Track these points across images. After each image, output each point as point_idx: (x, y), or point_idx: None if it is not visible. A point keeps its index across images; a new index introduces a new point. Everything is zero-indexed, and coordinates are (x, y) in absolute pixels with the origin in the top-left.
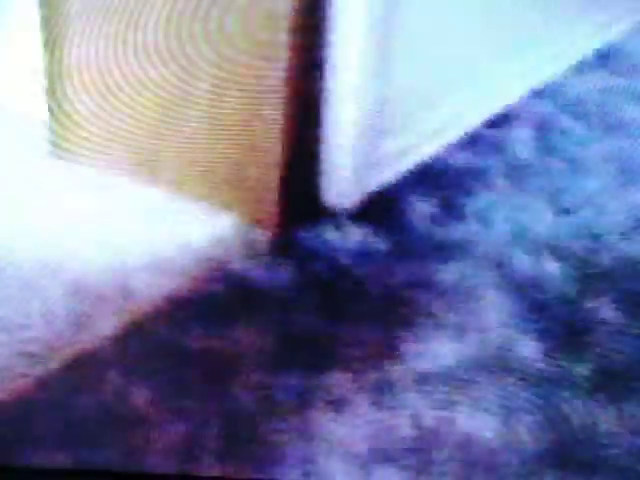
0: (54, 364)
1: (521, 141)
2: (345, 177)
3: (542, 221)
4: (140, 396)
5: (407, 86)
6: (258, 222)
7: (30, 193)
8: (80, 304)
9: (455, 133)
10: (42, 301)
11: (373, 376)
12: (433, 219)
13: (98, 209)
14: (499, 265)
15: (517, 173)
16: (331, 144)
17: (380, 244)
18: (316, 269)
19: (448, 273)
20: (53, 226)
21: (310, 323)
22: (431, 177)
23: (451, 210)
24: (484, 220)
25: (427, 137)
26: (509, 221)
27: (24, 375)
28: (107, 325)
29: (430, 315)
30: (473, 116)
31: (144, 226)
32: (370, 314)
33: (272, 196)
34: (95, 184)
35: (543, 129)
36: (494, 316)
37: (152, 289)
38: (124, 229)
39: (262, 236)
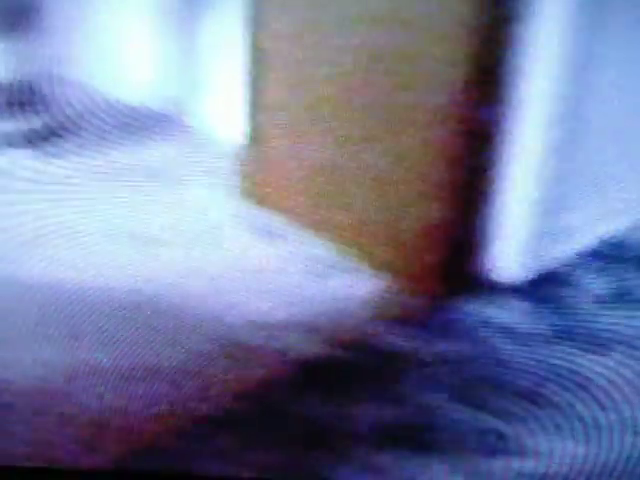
0: (180, 418)
1: None
2: (513, 251)
3: None
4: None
5: (590, 161)
6: (415, 289)
7: (206, 230)
8: (219, 355)
9: None
10: (181, 348)
11: (483, 469)
12: (600, 302)
13: (262, 258)
14: None
15: None
16: (501, 216)
17: (538, 324)
18: (463, 343)
19: (600, 365)
20: (217, 269)
21: (436, 401)
22: (609, 257)
23: (622, 294)
24: None
25: (611, 213)
26: None
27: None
28: (237, 381)
29: (565, 409)
30: None
31: (302, 281)
32: (501, 399)
33: (432, 264)
34: (268, 230)
35: None
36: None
37: (294, 347)
38: (281, 282)
39: (416, 303)
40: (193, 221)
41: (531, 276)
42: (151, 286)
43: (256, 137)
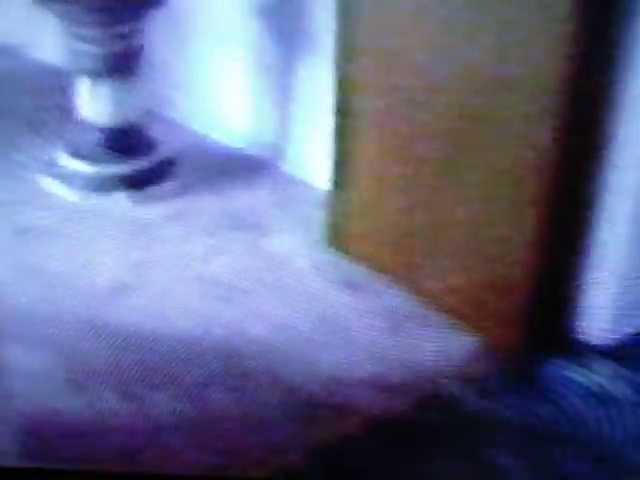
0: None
1: None
2: (604, 313)
3: None
4: None
5: None
6: (499, 346)
7: (286, 279)
8: (289, 407)
9: None
10: (251, 398)
11: None
12: None
13: (342, 309)
14: None
15: None
16: (593, 276)
17: (624, 391)
18: (543, 406)
19: None
20: (294, 319)
21: (515, 465)
22: None
23: None
24: None
25: None
26: None
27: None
28: (307, 436)
29: None
30: None
31: (381, 334)
32: (584, 465)
33: (518, 321)
34: (351, 280)
35: None
36: None
37: (365, 404)
38: (359, 335)
39: (498, 362)
40: (274, 269)
41: (623, 339)
42: (227, 334)
43: (345, 185)
